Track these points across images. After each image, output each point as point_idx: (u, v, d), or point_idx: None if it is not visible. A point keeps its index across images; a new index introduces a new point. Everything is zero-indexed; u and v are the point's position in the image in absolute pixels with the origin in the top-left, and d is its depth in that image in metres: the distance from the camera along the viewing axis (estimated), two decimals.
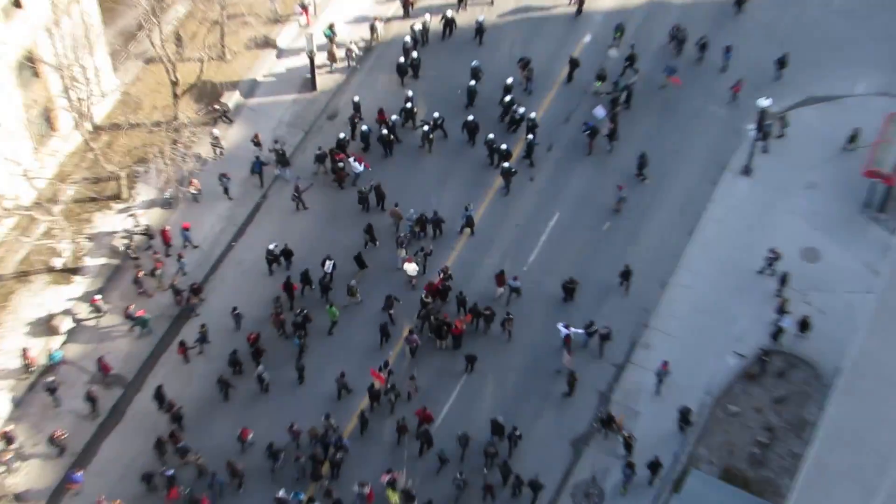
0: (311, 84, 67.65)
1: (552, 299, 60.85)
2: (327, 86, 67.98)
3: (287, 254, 60.36)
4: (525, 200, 64.24)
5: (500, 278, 60.30)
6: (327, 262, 60.00)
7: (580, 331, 58.39)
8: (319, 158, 63.36)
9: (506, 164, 63.25)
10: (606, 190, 64.39)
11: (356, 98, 65.89)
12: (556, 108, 67.87)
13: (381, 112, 65.29)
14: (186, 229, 61.48)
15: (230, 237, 62.87)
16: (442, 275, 59.66)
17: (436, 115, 64.94)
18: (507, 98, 65.21)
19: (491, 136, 63.89)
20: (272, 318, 58.87)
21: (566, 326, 58.51)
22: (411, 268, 60.28)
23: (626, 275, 60.33)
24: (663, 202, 64.59)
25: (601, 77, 66.79)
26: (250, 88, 67.60)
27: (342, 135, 64.78)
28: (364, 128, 63.59)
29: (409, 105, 65.31)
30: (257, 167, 62.54)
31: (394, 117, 65.14)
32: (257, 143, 63.21)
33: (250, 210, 63.69)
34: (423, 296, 59.24)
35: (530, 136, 65.00)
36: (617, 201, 63.67)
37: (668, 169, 65.65)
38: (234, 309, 59.41)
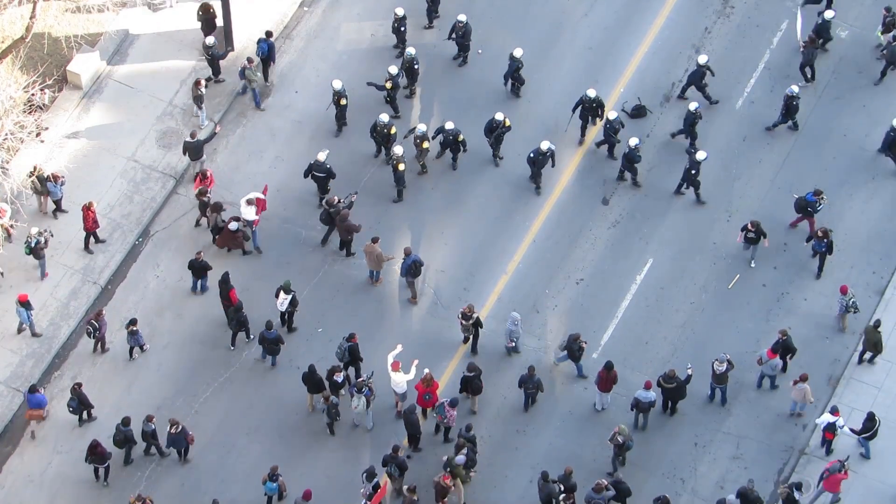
0: (224, 38, 50.67)
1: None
2: (255, 40, 50.87)
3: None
4: (592, 237, 45.74)
5: (606, 379, 40.25)
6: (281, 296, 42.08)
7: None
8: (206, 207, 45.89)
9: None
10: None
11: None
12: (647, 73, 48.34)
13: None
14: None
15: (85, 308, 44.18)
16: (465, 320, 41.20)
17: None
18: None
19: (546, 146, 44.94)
20: None
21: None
22: (399, 378, 40.44)
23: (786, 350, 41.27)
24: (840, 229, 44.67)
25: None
26: (119, 48, 51.91)
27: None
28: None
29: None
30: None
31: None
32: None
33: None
34: None
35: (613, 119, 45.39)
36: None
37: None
38: None
